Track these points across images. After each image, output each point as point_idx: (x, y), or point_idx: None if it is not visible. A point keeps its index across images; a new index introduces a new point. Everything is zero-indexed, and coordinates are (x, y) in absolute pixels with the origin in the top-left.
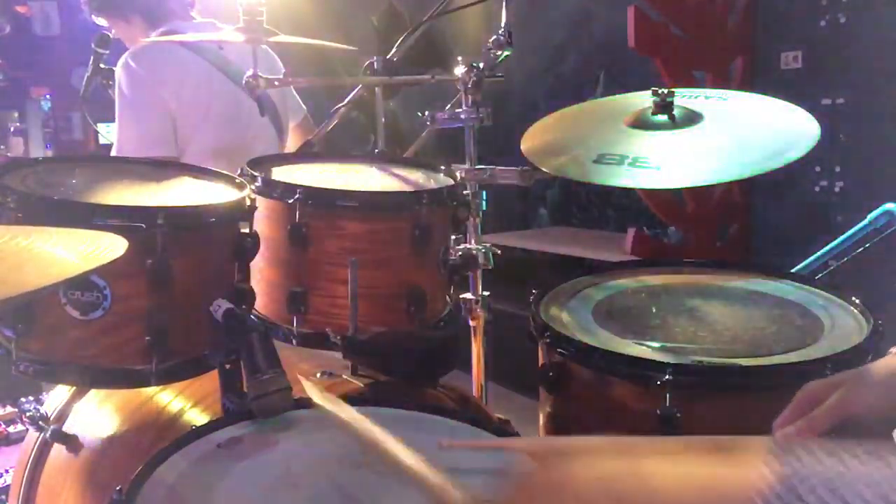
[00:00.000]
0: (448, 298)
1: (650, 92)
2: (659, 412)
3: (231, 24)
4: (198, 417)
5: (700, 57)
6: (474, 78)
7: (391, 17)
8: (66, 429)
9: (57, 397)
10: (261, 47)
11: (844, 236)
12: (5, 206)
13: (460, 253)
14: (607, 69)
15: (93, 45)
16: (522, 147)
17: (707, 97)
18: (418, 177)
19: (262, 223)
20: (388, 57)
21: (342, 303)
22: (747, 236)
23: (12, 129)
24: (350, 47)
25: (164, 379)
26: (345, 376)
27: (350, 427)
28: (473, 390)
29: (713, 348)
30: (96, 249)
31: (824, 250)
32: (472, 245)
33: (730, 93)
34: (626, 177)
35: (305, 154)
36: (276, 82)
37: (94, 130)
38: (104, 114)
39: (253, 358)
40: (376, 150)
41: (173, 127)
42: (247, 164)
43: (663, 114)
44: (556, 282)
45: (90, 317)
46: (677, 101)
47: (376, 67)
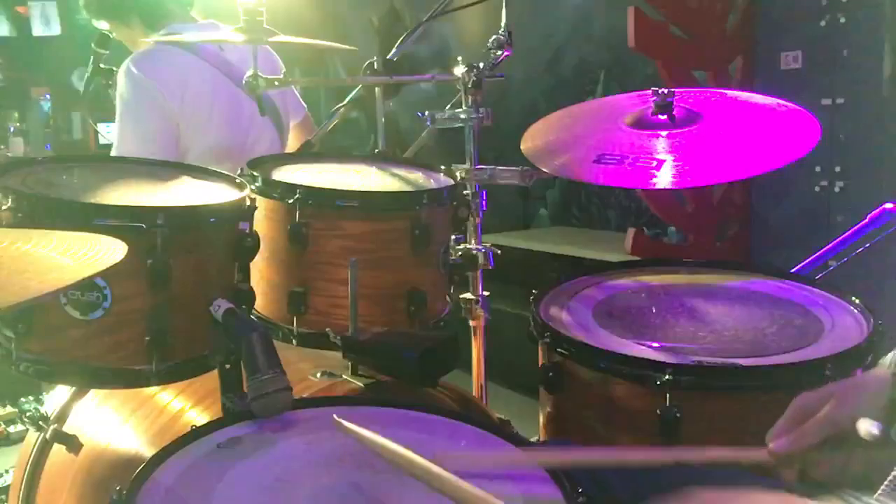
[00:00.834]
0: (448, 298)
1: (650, 92)
2: (659, 412)
3: (232, 24)
4: (198, 417)
5: (700, 57)
6: (474, 78)
7: (391, 17)
8: (66, 429)
9: (57, 397)
10: (261, 47)
11: (844, 236)
12: (5, 206)
13: (460, 253)
14: (607, 69)
15: (93, 45)
16: (522, 147)
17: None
18: (418, 177)
19: (262, 223)
20: (388, 57)
21: (342, 303)
22: (747, 236)
23: (12, 129)
24: (350, 47)
25: (164, 379)
26: (345, 376)
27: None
28: (473, 390)
29: (713, 348)
30: (96, 253)
31: (824, 250)
32: (472, 245)
33: (730, 93)
34: (626, 177)
35: (305, 154)
36: (276, 82)
37: (94, 130)
38: (104, 114)
39: (253, 358)
40: (376, 150)
41: (176, 132)
42: (247, 164)
43: (663, 114)
44: (556, 282)
45: (90, 317)
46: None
47: (376, 67)
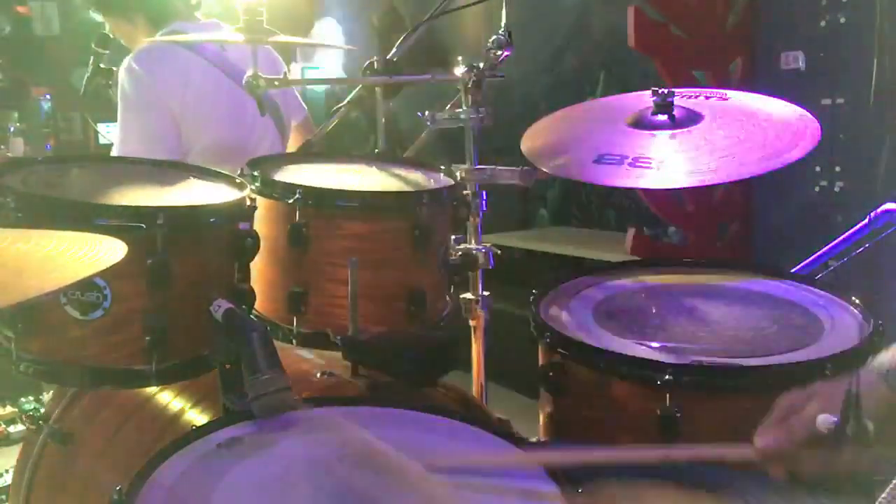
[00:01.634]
0: (448, 298)
1: (650, 92)
2: (659, 412)
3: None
4: (198, 417)
5: (700, 57)
6: (474, 78)
7: (391, 17)
8: (67, 429)
9: (57, 397)
10: (263, 47)
11: (844, 236)
12: (5, 206)
13: (460, 253)
14: (607, 69)
15: (93, 45)
16: (522, 147)
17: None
18: (418, 177)
19: (262, 223)
20: (388, 57)
21: (342, 303)
22: (747, 236)
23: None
24: (350, 47)
25: (164, 379)
26: (345, 376)
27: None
28: (473, 390)
29: (713, 348)
30: (96, 253)
31: (824, 250)
32: (472, 245)
33: (730, 93)
34: (626, 177)
35: (305, 154)
36: (277, 82)
37: (94, 130)
38: (104, 114)
39: (253, 358)
40: (376, 150)
41: (177, 130)
42: (247, 164)
43: (663, 114)
44: (556, 282)
45: (90, 317)
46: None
47: (376, 67)
